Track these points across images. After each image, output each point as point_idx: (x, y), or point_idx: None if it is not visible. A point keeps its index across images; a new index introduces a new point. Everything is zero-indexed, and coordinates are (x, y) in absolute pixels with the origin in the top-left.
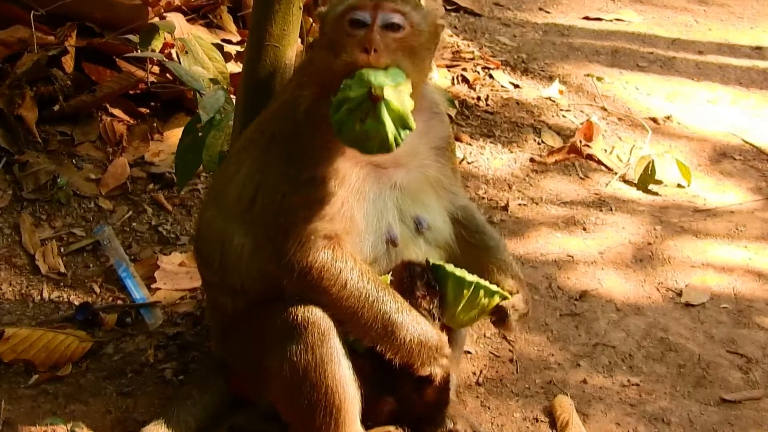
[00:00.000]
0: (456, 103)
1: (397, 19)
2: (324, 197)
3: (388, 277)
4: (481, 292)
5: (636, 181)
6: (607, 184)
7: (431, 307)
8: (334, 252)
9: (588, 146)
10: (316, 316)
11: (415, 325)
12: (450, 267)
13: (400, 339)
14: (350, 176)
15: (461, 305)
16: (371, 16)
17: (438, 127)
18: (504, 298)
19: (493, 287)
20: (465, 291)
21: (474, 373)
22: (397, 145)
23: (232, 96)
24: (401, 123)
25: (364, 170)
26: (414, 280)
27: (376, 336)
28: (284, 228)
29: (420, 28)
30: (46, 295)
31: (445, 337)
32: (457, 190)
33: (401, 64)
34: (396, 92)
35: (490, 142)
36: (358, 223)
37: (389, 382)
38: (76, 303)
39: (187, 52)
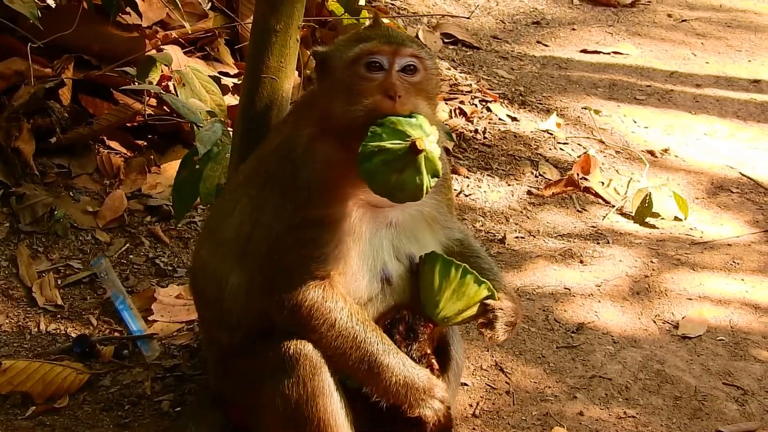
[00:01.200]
0: (453, 136)
1: (413, 62)
2: (319, 238)
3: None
4: (469, 278)
5: (633, 214)
6: (604, 217)
7: (409, 350)
8: (324, 291)
9: (585, 179)
10: (308, 349)
11: (401, 367)
12: (441, 254)
13: (385, 380)
14: (346, 217)
15: (448, 292)
16: (389, 61)
17: None
18: (491, 294)
19: (482, 279)
20: (453, 272)
21: (471, 405)
22: (426, 192)
23: (229, 128)
24: (433, 172)
25: (361, 210)
26: (395, 324)
27: (363, 376)
28: (277, 266)
29: (432, 72)
30: (43, 327)
31: (438, 381)
32: (452, 224)
33: (421, 110)
34: (431, 142)
35: (488, 175)
36: (353, 263)
37: (382, 419)
38: (73, 335)
39: (184, 85)
